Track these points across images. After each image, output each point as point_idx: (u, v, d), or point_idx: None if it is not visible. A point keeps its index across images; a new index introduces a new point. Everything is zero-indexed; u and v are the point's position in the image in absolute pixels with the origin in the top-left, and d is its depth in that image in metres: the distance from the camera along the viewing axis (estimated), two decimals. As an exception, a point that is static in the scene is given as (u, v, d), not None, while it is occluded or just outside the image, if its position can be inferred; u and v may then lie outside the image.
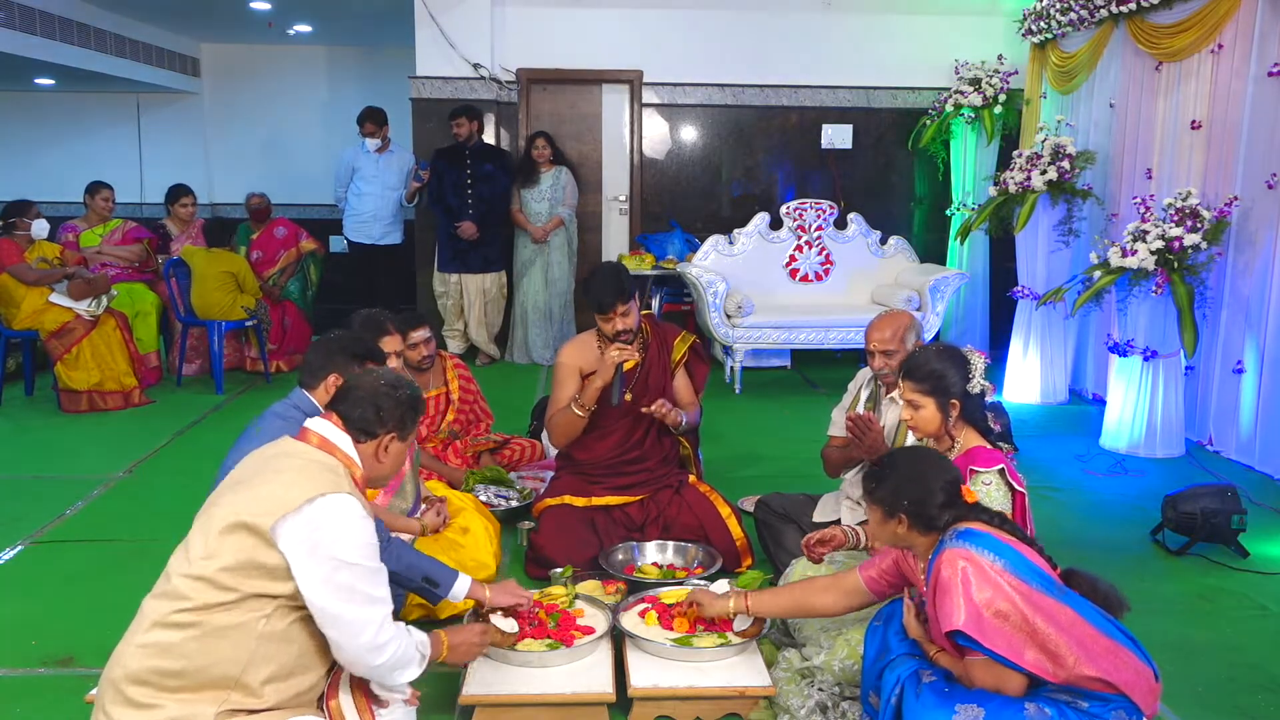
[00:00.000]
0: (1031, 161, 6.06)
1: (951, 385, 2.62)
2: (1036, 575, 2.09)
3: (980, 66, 7.33)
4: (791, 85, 7.67)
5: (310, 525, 1.94)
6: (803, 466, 3.64)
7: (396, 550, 2.67)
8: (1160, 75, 5.70)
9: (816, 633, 2.70)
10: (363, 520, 2.01)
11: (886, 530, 2.25)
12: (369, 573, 1.99)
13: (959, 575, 2.04)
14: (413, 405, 2.20)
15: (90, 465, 4.94)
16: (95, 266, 6.48)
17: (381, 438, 2.15)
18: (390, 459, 2.18)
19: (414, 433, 2.24)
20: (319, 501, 1.96)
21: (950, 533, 2.15)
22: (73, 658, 2.97)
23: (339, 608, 1.96)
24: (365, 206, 7.45)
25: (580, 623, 2.82)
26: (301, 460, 2.06)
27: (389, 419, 2.15)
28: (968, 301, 7.50)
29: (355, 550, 1.97)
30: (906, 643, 2.30)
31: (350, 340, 2.86)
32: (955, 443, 2.67)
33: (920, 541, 2.23)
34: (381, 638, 2.01)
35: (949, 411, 2.63)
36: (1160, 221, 4.98)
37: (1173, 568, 3.74)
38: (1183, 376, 5.20)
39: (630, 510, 3.71)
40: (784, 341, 6.68)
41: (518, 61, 7.53)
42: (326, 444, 2.11)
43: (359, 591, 1.97)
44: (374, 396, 2.15)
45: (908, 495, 2.19)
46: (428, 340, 4.29)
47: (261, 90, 9.48)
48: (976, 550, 2.07)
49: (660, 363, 3.78)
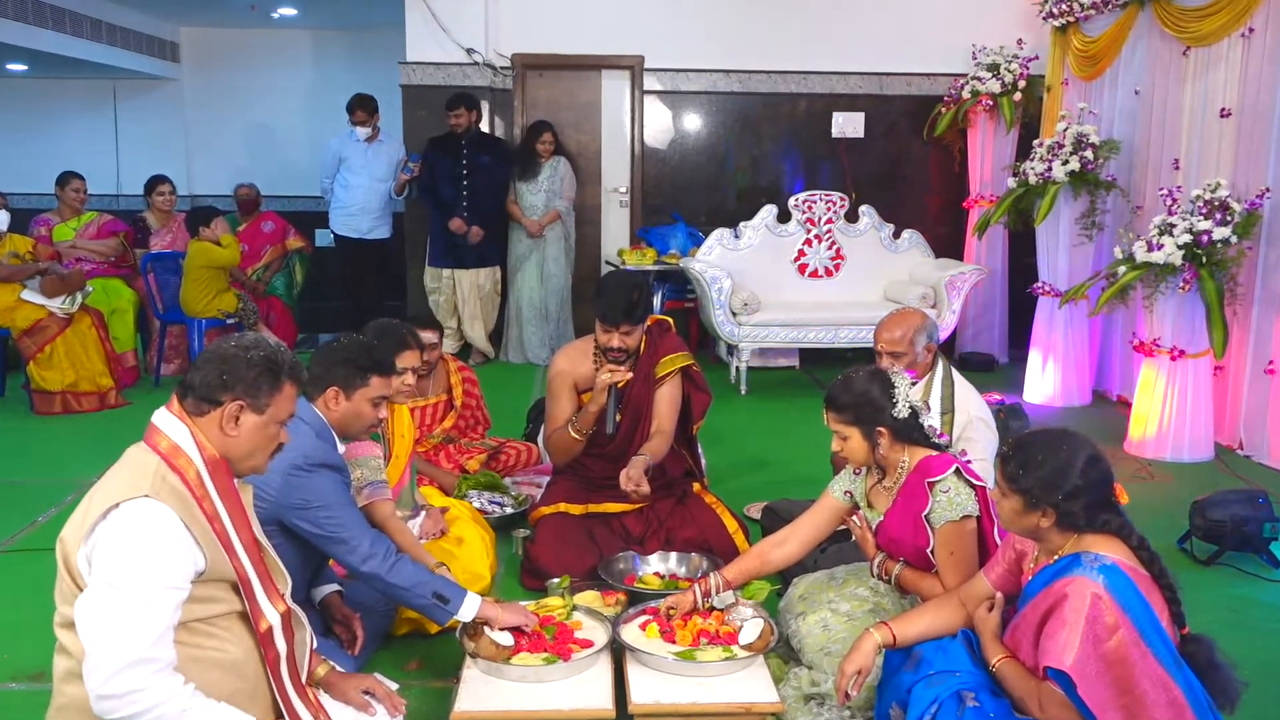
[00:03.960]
0: (1053, 151, 6.06)
1: (877, 411, 2.62)
2: (1160, 639, 2.02)
3: (999, 51, 7.31)
4: (800, 71, 7.67)
5: (95, 542, 1.84)
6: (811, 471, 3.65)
7: (405, 566, 2.66)
8: (1188, 60, 5.70)
9: (820, 656, 2.69)
10: (154, 530, 1.84)
11: (1023, 521, 2.17)
12: (132, 602, 1.79)
13: (1086, 611, 1.99)
14: (268, 367, 1.99)
15: (64, 470, 4.94)
16: (69, 261, 6.48)
17: (226, 404, 1.96)
18: (244, 433, 1.99)
19: (275, 403, 2.02)
20: (111, 515, 1.84)
21: (1091, 556, 2.07)
22: (45, 673, 2.97)
23: (84, 632, 1.81)
24: (353, 198, 7.44)
25: (578, 635, 2.82)
26: (117, 468, 1.95)
27: (235, 382, 1.96)
28: (985, 299, 7.50)
29: (127, 571, 1.80)
30: (944, 655, 2.26)
31: (358, 350, 2.82)
32: (899, 465, 2.67)
33: (1056, 540, 2.16)
34: (113, 686, 1.77)
35: (876, 440, 2.64)
36: (1188, 214, 4.98)
37: (1201, 578, 3.74)
38: (1211, 377, 5.20)
39: (629, 521, 3.70)
40: (792, 340, 6.68)
41: (513, 46, 7.53)
42: (151, 435, 1.98)
43: (109, 619, 1.79)
44: (220, 360, 1.98)
45: (1062, 490, 2.10)
46: (433, 346, 4.29)
47: (244, 76, 9.48)
48: (1112, 593, 2.00)
49: (646, 380, 3.74)
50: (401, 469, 3.42)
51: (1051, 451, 2.14)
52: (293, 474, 2.57)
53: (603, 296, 3.62)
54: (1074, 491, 2.10)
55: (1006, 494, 2.19)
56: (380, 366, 2.82)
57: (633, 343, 3.63)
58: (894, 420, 2.63)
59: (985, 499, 2.57)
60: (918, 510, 2.60)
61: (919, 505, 2.59)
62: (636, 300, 3.59)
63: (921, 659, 2.28)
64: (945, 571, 2.57)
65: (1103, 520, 2.12)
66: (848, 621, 2.73)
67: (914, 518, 2.61)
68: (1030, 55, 7.25)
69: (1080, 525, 2.12)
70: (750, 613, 2.84)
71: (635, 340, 3.64)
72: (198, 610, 1.93)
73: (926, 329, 3.37)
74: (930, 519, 2.58)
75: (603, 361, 3.68)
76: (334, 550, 2.63)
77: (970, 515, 2.56)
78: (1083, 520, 2.11)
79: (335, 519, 2.61)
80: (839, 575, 2.95)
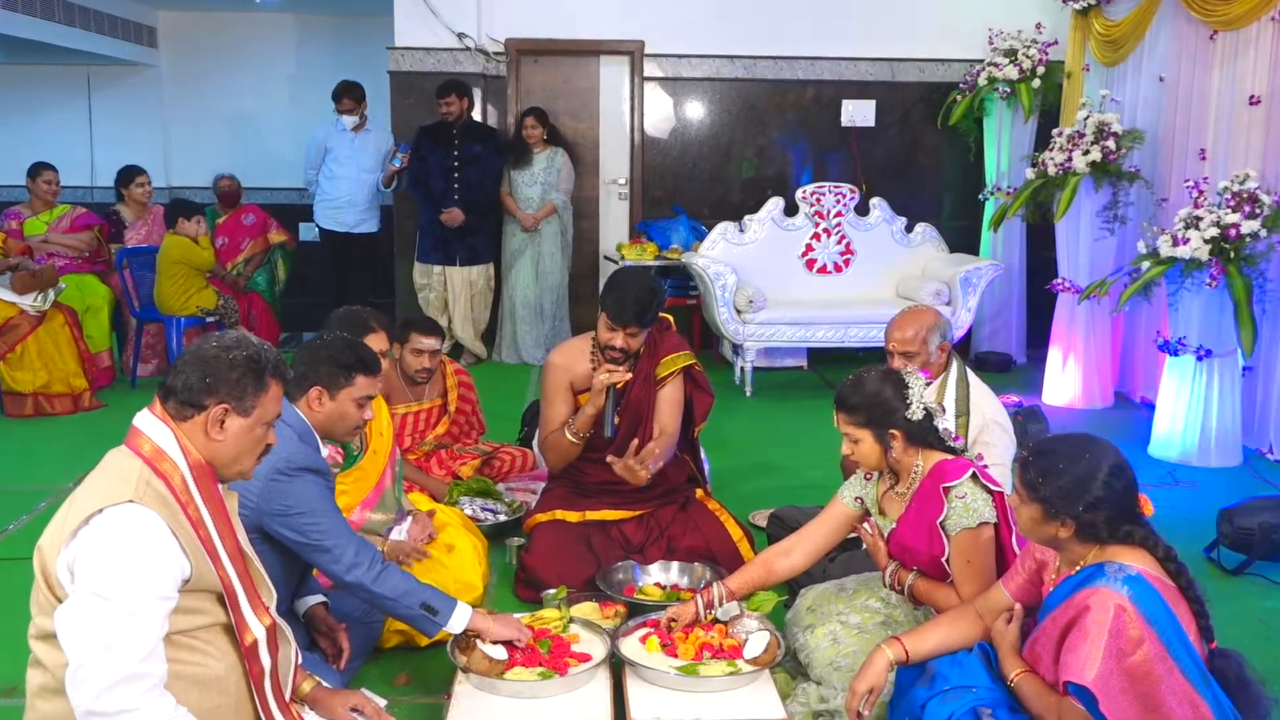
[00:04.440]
0: (1073, 141, 6.06)
1: (889, 413, 2.63)
2: (1187, 654, 2.02)
3: (1016, 36, 7.32)
4: (808, 57, 7.67)
5: (77, 550, 1.84)
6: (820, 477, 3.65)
7: (393, 574, 2.66)
8: (1215, 45, 5.69)
9: (828, 671, 2.68)
10: (142, 536, 1.84)
11: (1042, 530, 2.17)
12: (123, 613, 1.79)
13: (1109, 624, 1.98)
14: (251, 367, 2.01)
15: (36, 475, 4.94)
16: (41, 257, 6.48)
17: (210, 409, 1.97)
18: (230, 437, 2.00)
19: (260, 404, 2.03)
20: (94, 520, 1.84)
21: (1115, 567, 2.07)
22: (16, 689, 2.97)
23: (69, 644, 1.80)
24: (338, 190, 7.44)
25: (575, 649, 2.82)
26: (98, 472, 1.96)
27: (218, 384, 1.97)
28: (1002, 295, 7.50)
29: (115, 580, 1.80)
30: (960, 670, 2.26)
31: (341, 348, 2.83)
32: (912, 469, 2.67)
33: (1077, 550, 2.16)
34: (104, 704, 1.77)
35: (888, 443, 2.64)
36: (1215, 207, 4.98)
37: (1228, 588, 3.73)
38: (1240, 378, 5.20)
39: (628, 529, 3.70)
40: (799, 339, 6.68)
41: (506, 31, 7.53)
42: (133, 438, 1.98)
43: (98, 632, 1.78)
44: (201, 361, 1.99)
45: (1082, 500, 2.09)
46: (435, 353, 4.25)
47: (225, 62, 9.47)
48: (1137, 605, 2.00)
49: (646, 380, 3.74)
50: (381, 467, 3.40)
51: (1073, 459, 2.13)
52: (275, 479, 2.57)
53: (614, 292, 3.58)
54: (1096, 503, 2.09)
55: (1025, 501, 2.19)
56: (365, 365, 2.82)
57: (635, 345, 3.63)
58: (907, 422, 2.63)
59: (1003, 505, 2.57)
60: (932, 517, 2.59)
61: (934, 512, 2.59)
62: (651, 304, 3.57)
63: (936, 674, 2.27)
64: (961, 581, 2.57)
65: (1125, 531, 2.12)
66: (858, 634, 2.73)
67: (928, 525, 2.61)
68: (1049, 40, 7.25)
69: (1102, 537, 2.12)
70: (755, 625, 2.84)
71: (638, 344, 3.65)
72: (180, 622, 1.92)
73: (940, 328, 3.37)
74: (945, 526, 2.58)
75: (600, 360, 3.67)
76: (317, 559, 2.63)
77: (987, 522, 2.56)
78: (1104, 532, 2.11)
79: (319, 526, 2.60)
80: (849, 586, 2.94)
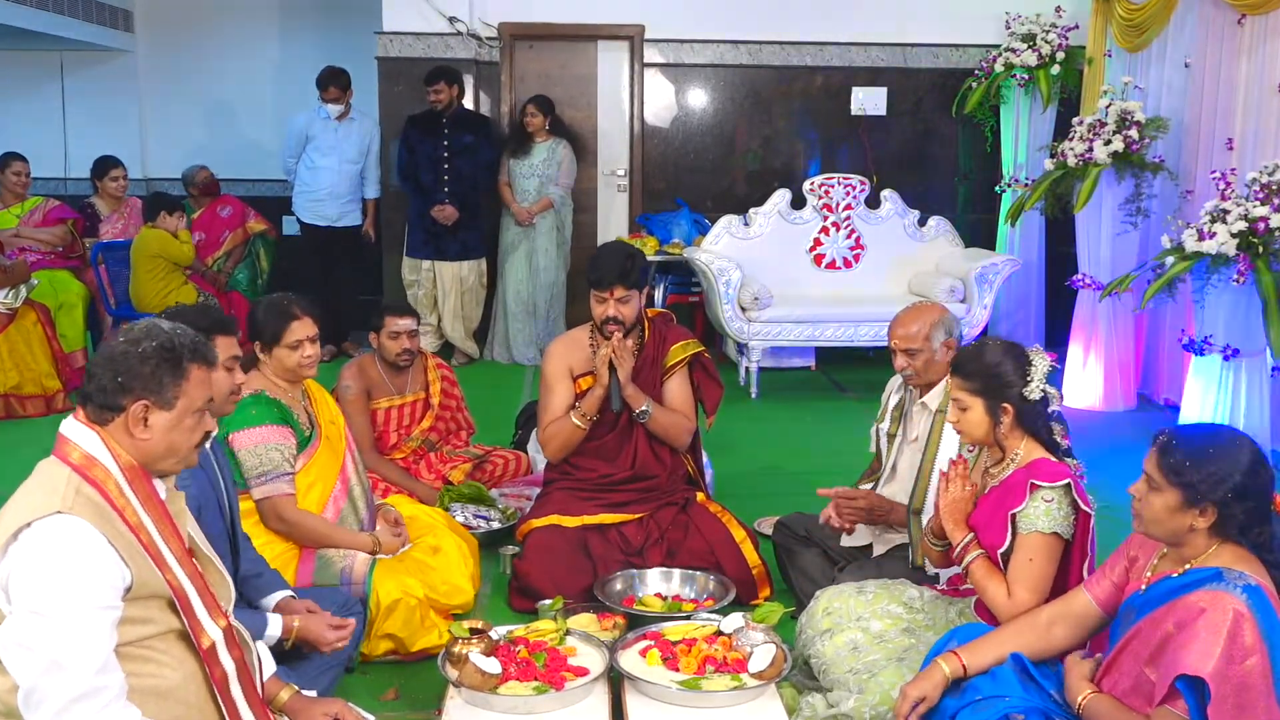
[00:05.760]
0: (1094, 130, 6.07)
1: (1005, 386, 2.63)
2: None
3: (1035, 20, 7.32)
4: (816, 42, 7.67)
5: (9, 568, 1.85)
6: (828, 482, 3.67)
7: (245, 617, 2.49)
8: (1243, 30, 5.70)
9: (845, 675, 2.69)
10: (73, 548, 1.84)
11: (1174, 521, 2.13)
12: (65, 629, 1.80)
13: (1229, 623, 1.98)
14: (166, 357, 1.96)
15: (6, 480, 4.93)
16: (12, 252, 6.48)
17: (129, 408, 1.95)
18: (158, 433, 1.97)
19: (183, 393, 1.98)
20: (23, 535, 1.85)
21: (1235, 574, 2.07)
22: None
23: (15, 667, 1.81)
24: (319, 182, 7.40)
25: (572, 662, 2.82)
26: (26, 484, 1.97)
27: (131, 381, 1.94)
28: (1020, 292, 7.51)
29: (51, 595, 1.81)
30: (993, 682, 2.27)
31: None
32: (1011, 454, 2.67)
33: (1198, 545, 2.14)
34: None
35: (999, 416, 2.64)
36: (1243, 199, 4.99)
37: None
38: (1269, 379, 5.20)
39: (628, 531, 3.72)
40: (807, 338, 6.69)
41: (500, 15, 7.53)
42: (61, 446, 1.98)
43: (43, 651, 1.79)
44: (110, 361, 1.96)
45: (1232, 489, 2.07)
46: (412, 333, 4.35)
47: (205, 48, 9.46)
48: (1256, 614, 2.00)
49: (653, 364, 3.80)
50: (340, 460, 3.39)
51: (1218, 445, 2.12)
52: None
53: (595, 262, 3.73)
54: (1241, 492, 2.08)
55: (1161, 488, 2.14)
56: (199, 351, 2.35)
57: (629, 312, 3.68)
58: (1022, 400, 2.63)
59: (1086, 528, 2.56)
60: (1010, 506, 2.58)
61: (1013, 502, 2.58)
62: (630, 264, 3.67)
63: (967, 685, 2.29)
64: (1016, 580, 2.54)
65: (1257, 531, 2.10)
66: (880, 644, 2.72)
67: (1003, 513, 2.60)
68: (1069, 24, 7.26)
69: (1235, 531, 2.10)
70: (761, 638, 2.84)
71: (633, 311, 3.70)
72: (129, 633, 1.92)
73: (945, 323, 3.37)
74: (1018, 520, 2.56)
75: (600, 340, 3.74)
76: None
77: (1061, 536, 2.55)
78: (1243, 525, 2.09)
79: None
80: (869, 589, 2.93)
